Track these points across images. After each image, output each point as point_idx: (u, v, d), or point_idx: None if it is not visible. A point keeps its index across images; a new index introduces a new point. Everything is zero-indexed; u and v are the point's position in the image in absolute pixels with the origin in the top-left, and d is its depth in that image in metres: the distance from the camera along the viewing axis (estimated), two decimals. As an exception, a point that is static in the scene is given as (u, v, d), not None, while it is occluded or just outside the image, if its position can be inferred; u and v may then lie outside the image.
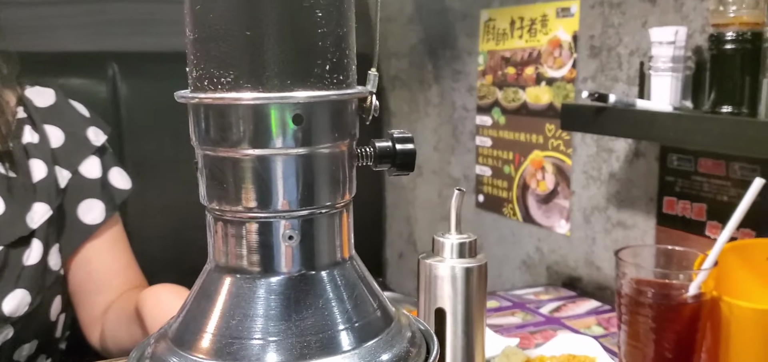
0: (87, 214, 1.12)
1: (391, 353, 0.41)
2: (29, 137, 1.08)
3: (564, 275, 1.43)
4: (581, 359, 0.79)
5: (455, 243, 0.72)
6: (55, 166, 1.09)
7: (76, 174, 1.11)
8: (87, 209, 1.12)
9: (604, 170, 1.30)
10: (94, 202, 1.13)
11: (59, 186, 1.09)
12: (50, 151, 1.09)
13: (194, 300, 0.42)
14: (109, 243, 1.15)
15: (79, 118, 1.16)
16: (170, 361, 0.41)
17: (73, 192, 1.11)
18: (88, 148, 1.14)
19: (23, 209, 1.04)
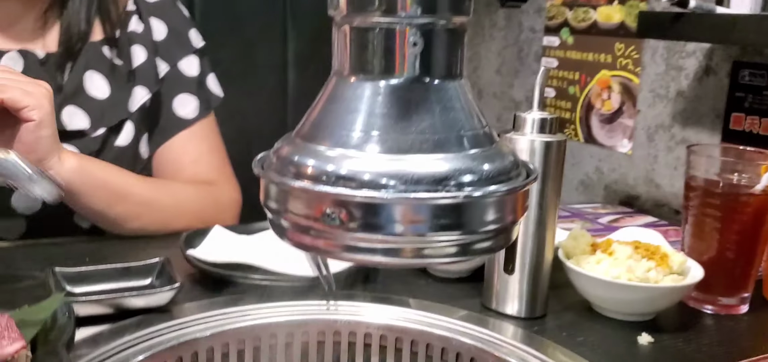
0: (181, 108, 1.18)
1: (494, 165, 0.46)
2: (135, 26, 1.14)
3: (622, 194, 1.46)
4: (646, 246, 0.83)
5: (536, 118, 0.76)
6: (155, 57, 1.14)
7: (175, 68, 1.17)
8: (182, 103, 1.18)
9: (672, 88, 1.31)
10: (190, 98, 1.18)
11: (158, 75, 1.15)
12: (152, 42, 1.14)
13: (319, 103, 0.47)
14: (199, 139, 1.20)
15: (183, 19, 1.21)
16: (293, 154, 0.46)
17: (170, 85, 1.17)
18: (189, 47, 1.19)
19: (125, 94, 1.11)
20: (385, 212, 0.43)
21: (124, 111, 1.10)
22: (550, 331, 0.77)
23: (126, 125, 1.10)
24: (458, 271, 0.91)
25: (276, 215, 0.48)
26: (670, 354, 0.74)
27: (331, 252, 0.46)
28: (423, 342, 0.76)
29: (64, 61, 1.07)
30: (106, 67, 1.10)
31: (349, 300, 0.80)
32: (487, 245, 0.47)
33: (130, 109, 1.11)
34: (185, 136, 1.19)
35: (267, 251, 0.91)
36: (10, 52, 1.03)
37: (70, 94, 1.05)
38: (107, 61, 1.10)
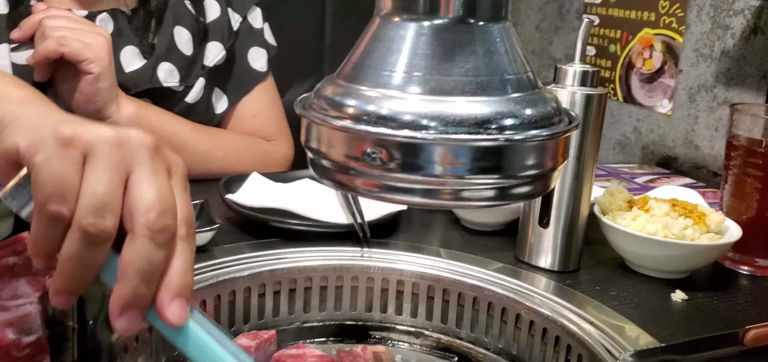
0: (256, 61, 1.19)
1: (536, 110, 0.46)
2: None
3: (660, 155, 1.44)
4: (684, 204, 0.82)
5: (578, 71, 0.75)
6: (228, 8, 1.15)
7: (245, 21, 1.17)
8: (256, 56, 1.19)
9: (717, 47, 1.28)
10: (261, 51, 1.20)
11: (232, 28, 1.15)
12: None
13: (361, 44, 0.47)
14: (260, 93, 1.20)
15: None
16: (334, 94, 0.47)
17: (243, 38, 1.18)
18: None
19: (201, 49, 1.12)
20: (425, 153, 0.44)
21: (200, 67, 1.12)
22: (583, 285, 0.77)
23: (198, 81, 1.11)
24: (491, 224, 0.91)
25: (316, 155, 0.49)
26: (703, 311, 0.73)
27: (370, 192, 0.47)
28: (455, 291, 0.77)
29: (148, 18, 1.08)
30: (190, 22, 1.10)
31: (383, 248, 0.81)
32: (526, 190, 0.47)
33: (207, 65, 1.12)
34: (258, 94, 1.20)
35: (303, 198, 0.92)
36: (101, 14, 1.04)
37: (163, 51, 1.07)
38: (191, 15, 1.11)
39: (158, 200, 0.42)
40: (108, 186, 0.41)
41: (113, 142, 0.42)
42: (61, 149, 0.41)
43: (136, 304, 0.41)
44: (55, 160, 0.41)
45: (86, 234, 0.40)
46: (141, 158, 0.43)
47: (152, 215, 0.41)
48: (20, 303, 0.49)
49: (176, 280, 0.42)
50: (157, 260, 0.41)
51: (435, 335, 0.78)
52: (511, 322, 0.74)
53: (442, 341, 0.78)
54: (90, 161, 0.41)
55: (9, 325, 0.47)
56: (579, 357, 0.67)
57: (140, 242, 0.41)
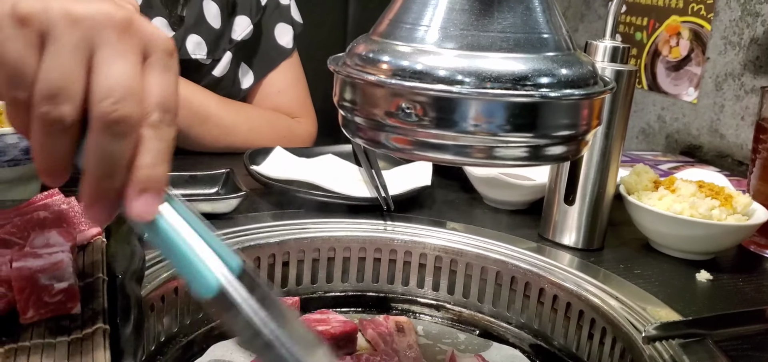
0: (282, 37, 1.19)
1: (572, 70, 0.46)
2: None
3: (684, 144, 1.43)
4: (711, 185, 0.81)
5: (609, 46, 0.74)
6: None
7: None
8: (282, 32, 1.19)
9: (746, 35, 1.27)
10: (287, 27, 1.20)
11: (260, 3, 1.15)
12: None
13: (397, 1, 0.47)
14: (286, 69, 1.21)
15: None
16: (368, 51, 0.47)
17: (271, 13, 1.18)
18: None
19: (229, 24, 1.12)
20: (459, 108, 0.44)
21: (228, 41, 1.12)
22: (607, 263, 0.77)
23: (225, 55, 1.12)
24: (515, 203, 0.91)
25: (349, 112, 0.49)
26: (728, 291, 0.73)
27: (403, 149, 0.47)
28: (478, 266, 0.77)
29: None
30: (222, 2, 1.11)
31: (406, 222, 0.81)
32: (558, 151, 0.47)
33: (232, 39, 1.12)
34: (284, 69, 1.20)
35: (326, 173, 0.92)
36: None
37: (192, 24, 1.07)
38: None
39: (117, 85, 0.38)
40: (63, 71, 0.38)
41: (72, 20, 0.38)
42: (16, 29, 0.38)
43: (102, 197, 0.39)
44: (10, 41, 0.38)
45: (42, 122, 0.38)
46: (106, 38, 0.39)
47: (107, 103, 0.37)
48: (53, 251, 0.49)
49: (142, 172, 0.38)
50: (116, 152, 0.38)
51: (457, 308, 0.78)
52: (535, 297, 0.74)
53: (464, 314, 0.78)
54: (47, 42, 0.38)
55: (42, 271, 0.47)
56: (603, 330, 0.67)
57: (96, 133, 0.38)
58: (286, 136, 1.16)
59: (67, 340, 0.46)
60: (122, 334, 0.47)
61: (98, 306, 0.49)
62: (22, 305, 0.46)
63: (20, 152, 0.75)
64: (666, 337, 0.59)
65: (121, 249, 0.59)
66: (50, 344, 0.45)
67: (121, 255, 0.58)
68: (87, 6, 0.39)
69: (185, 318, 0.68)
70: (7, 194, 0.76)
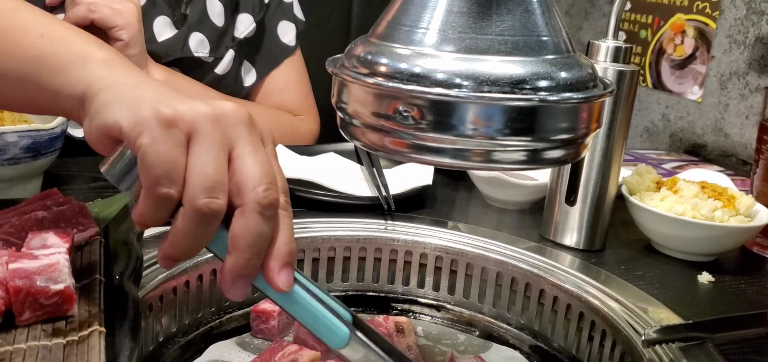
0: (285, 35, 1.19)
1: (571, 73, 0.45)
2: None
3: (688, 142, 1.42)
4: (713, 186, 0.81)
5: (611, 46, 0.74)
6: None
7: None
8: (285, 30, 1.19)
9: (752, 33, 1.26)
10: (290, 25, 1.19)
11: (263, 1, 1.15)
12: None
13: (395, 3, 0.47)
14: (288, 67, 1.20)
15: None
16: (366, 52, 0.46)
17: (274, 11, 1.18)
18: None
19: (232, 21, 1.12)
20: (457, 112, 0.43)
21: (231, 39, 1.12)
22: (608, 264, 0.76)
23: (228, 53, 1.12)
24: (516, 203, 0.91)
25: (347, 115, 0.49)
26: (730, 293, 0.72)
27: (401, 152, 0.47)
28: (478, 266, 0.77)
29: None
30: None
31: (407, 222, 0.81)
32: (557, 155, 0.47)
33: (237, 37, 1.12)
34: (286, 68, 1.20)
35: (328, 171, 0.92)
36: None
37: (195, 21, 1.07)
38: None
39: (264, 175, 0.42)
40: (216, 165, 0.42)
41: (213, 120, 0.42)
42: (165, 131, 0.41)
43: (248, 274, 0.43)
44: (160, 142, 0.41)
45: (200, 214, 0.41)
46: (241, 133, 0.43)
47: (261, 190, 0.42)
48: (49, 253, 0.49)
49: (283, 249, 0.43)
50: (266, 232, 0.42)
51: (457, 309, 0.78)
52: (535, 298, 0.73)
53: (464, 315, 0.77)
54: (195, 141, 0.42)
55: (37, 273, 0.47)
56: (603, 333, 0.66)
57: (251, 217, 0.42)
58: (288, 134, 1.15)
59: (62, 342, 0.45)
60: (118, 336, 0.47)
61: (95, 307, 0.49)
62: (17, 307, 0.46)
63: (20, 150, 0.75)
64: (666, 341, 0.59)
65: (119, 249, 0.59)
66: (46, 346, 0.45)
67: (119, 256, 0.58)
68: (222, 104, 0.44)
69: (184, 318, 0.68)
70: (7, 193, 0.76)
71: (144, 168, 0.42)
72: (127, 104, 0.43)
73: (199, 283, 0.69)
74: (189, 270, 0.67)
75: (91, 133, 0.45)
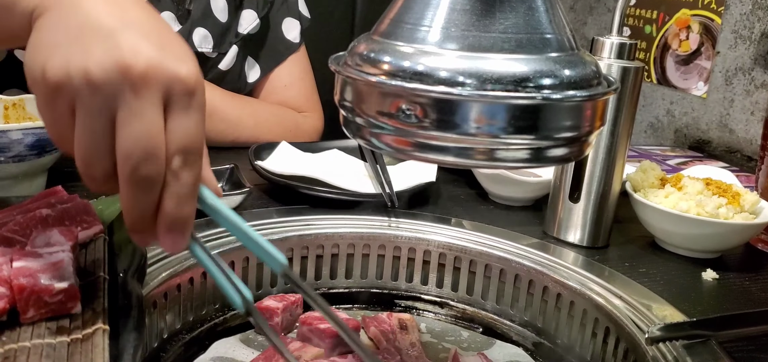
0: (289, 31, 1.19)
1: (575, 71, 0.45)
2: None
3: (693, 138, 1.42)
4: (718, 183, 0.80)
5: (615, 43, 0.73)
6: None
7: None
8: (289, 27, 1.19)
9: (757, 28, 1.25)
10: (294, 22, 1.20)
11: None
12: None
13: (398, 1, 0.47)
14: (292, 64, 1.20)
15: None
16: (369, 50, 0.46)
17: (278, 7, 1.18)
18: None
19: (235, 17, 1.12)
20: (460, 110, 0.43)
21: (234, 34, 1.12)
22: (612, 261, 0.76)
23: (231, 49, 1.12)
24: (520, 199, 0.90)
25: (349, 112, 0.49)
26: (735, 291, 0.72)
27: (404, 150, 0.47)
28: (482, 263, 0.77)
29: None
30: None
31: (411, 219, 0.81)
32: (561, 153, 0.46)
33: (238, 32, 1.12)
34: (290, 65, 1.20)
35: (332, 168, 0.92)
36: None
37: (198, 17, 1.07)
38: None
39: (136, 148, 0.40)
40: (90, 141, 0.41)
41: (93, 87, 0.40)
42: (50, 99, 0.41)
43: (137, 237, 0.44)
44: (44, 108, 0.42)
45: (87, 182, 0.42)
46: (122, 99, 0.40)
47: (129, 166, 0.40)
48: (53, 251, 0.49)
49: (167, 216, 0.42)
50: (145, 203, 0.42)
51: (460, 306, 0.78)
52: (538, 295, 0.73)
53: (468, 312, 0.77)
54: (77, 112, 0.41)
55: (42, 271, 0.47)
56: (606, 330, 0.66)
57: (125, 189, 0.41)
58: (292, 131, 1.15)
59: (67, 340, 0.46)
60: (122, 334, 0.47)
61: (99, 305, 0.49)
62: (22, 305, 0.46)
63: (25, 148, 0.75)
64: (670, 338, 0.59)
65: (123, 247, 0.59)
66: (50, 344, 0.45)
67: (123, 253, 0.58)
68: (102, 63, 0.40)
69: (188, 315, 0.68)
70: (12, 190, 0.76)
71: None
72: (43, 49, 0.42)
73: (203, 280, 0.69)
74: (192, 267, 0.68)
75: None
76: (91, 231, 0.59)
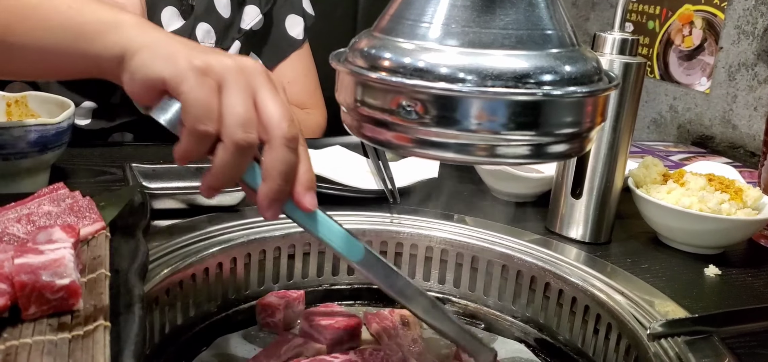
0: (293, 28, 1.19)
1: (576, 66, 0.45)
2: None
3: (696, 134, 1.41)
4: (721, 179, 0.80)
5: (617, 38, 0.73)
6: None
7: None
8: (293, 24, 1.19)
9: (760, 24, 1.25)
10: (298, 19, 1.19)
11: None
12: None
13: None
14: (296, 60, 1.20)
15: None
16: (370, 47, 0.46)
17: (282, 4, 1.17)
18: None
19: (239, 13, 1.12)
20: (461, 106, 0.43)
21: (237, 30, 1.12)
22: (614, 257, 0.76)
23: (234, 44, 1.12)
24: (522, 195, 0.90)
25: (350, 109, 0.49)
26: (737, 286, 0.72)
27: (404, 147, 0.47)
28: (484, 259, 0.77)
29: None
30: None
31: (413, 215, 0.81)
32: (561, 149, 0.46)
33: (241, 28, 1.12)
34: (293, 61, 1.20)
35: (334, 164, 0.92)
36: None
37: (201, 12, 1.07)
38: None
39: (285, 114, 0.50)
40: (246, 106, 0.49)
41: (238, 70, 0.50)
42: (200, 78, 0.49)
43: (279, 198, 0.50)
44: (198, 88, 0.49)
45: (238, 146, 0.49)
46: (261, 81, 0.51)
47: (285, 126, 0.49)
48: (55, 248, 0.49)
49: (306, 176, 0.51)
50: (292, 162, 0.50)
51: (462, 302, 0.78)
52: (540, 291, 0.73)
53: (470, 308, 0.77)
54: (225, 87, 0.49)
55: (43, 268, 0.47)
56: (608, 326, 0.66)
57: (279, 150, 0.49)
58: None
59: (68, 337, 0.46)
60: (123, 331, 0.47)
61: (100, 302, 0.49)
62: (23, 302, 0.46)
63: (27, 144, 0.76)
64: (671, 334, 0.59)
65: (125, 243, 0.59)
66: (52, 341, 0.45)
67: (126, 250, 0.58)
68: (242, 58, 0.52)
69: (190, 311, 0.68)
70: (15, 186, 0.77)
71: (186, 109, 0.49)
72: (164, 59, 0.51)
73: (205, 277, 0.69)
74: (195, 264, 0.68)
75: (133, 86, 0.53)
76: (94, 227, 0.59)
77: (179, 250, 0.69)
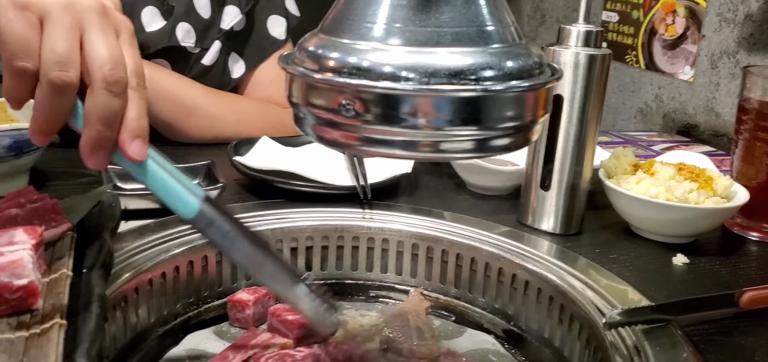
0: (275, 28, 1.20)
1: (516, 62, 0.46)
2: None
3: (681, 123, 1.42)
4: (691, 168, 0.81)
5: (582, 31, 0.74)
6: None
7: None
8: (275, 24, 1.20)
9: (741, 11, 1.25)
10: (280, 20, 1.20)
11: None
12: None
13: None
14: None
15: None
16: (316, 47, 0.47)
17: (263, 4, 1.18)
18: None
19: (219, 13, 1.13)
20: (401, 104, 0.44)
21: (217, 30, 1.13)
22: (584, 248, 0.77)
23: (214, 44, 1.13)
24: (497, 188, 0.91)
25: (299, 109, 0.50)
26: (703, 274, 0.73)
27: (351, 145, 0.47)
28: (453, 252, 0.77)
29: None
30: None
31: (385, 210, 0.82)
32: (505, 142, 0.47)
33: (223, 28, 1.13)
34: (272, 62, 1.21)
35: (310, 162, 0.93)
36: None
37: (181, 12, 1.08)
38: None
39: (110, 56, 0.48)
40: (66, 44, 0.47)
41: (64, 6, 0.47)
42: (19, 12, 0.47)
43: (102, 146, 0.48)
44: (14, 21, 0.46)
45: (53, 85, 0.47)
46: (90, 18, 0.48)
47: (106, 69, 0.47)
48: (14, 249, 0.50)
49: (133, 124, 0.49)
50: (115, 107, 0.47)
51: (433, 294, 0.79)
52: (508, 283, 0.74)
53: (440, 300, 0.78)
54: (46, 23, 0.47)
55: (2, 269, 0.48)
56: (571, 316, 0.67)
57: (99, 93, 0.47)
58: (276, 126, 1.16)
59: (25, 335, 0.47)
60: (80, 329, 0.48)
61: (59, 301, 0.50)
62: (-20, 303, 0.47)
63: (3, 149, 0.77)
64: (629, 323, 0.59)
65: (90, 244, 0.60)
66: (9, 340, 0.46)
67: (91, 251, 0.59)
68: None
69: (161, 309, 0.69)
70: (-11, 190, 0.78)
71: (2, 45, 0.47)
72: None
73: (175, 274, 0.70)
74: (165, 262, 0.69)
75: None
76: (59, 229, 0.60)
77: (150, 250, 0.69)
